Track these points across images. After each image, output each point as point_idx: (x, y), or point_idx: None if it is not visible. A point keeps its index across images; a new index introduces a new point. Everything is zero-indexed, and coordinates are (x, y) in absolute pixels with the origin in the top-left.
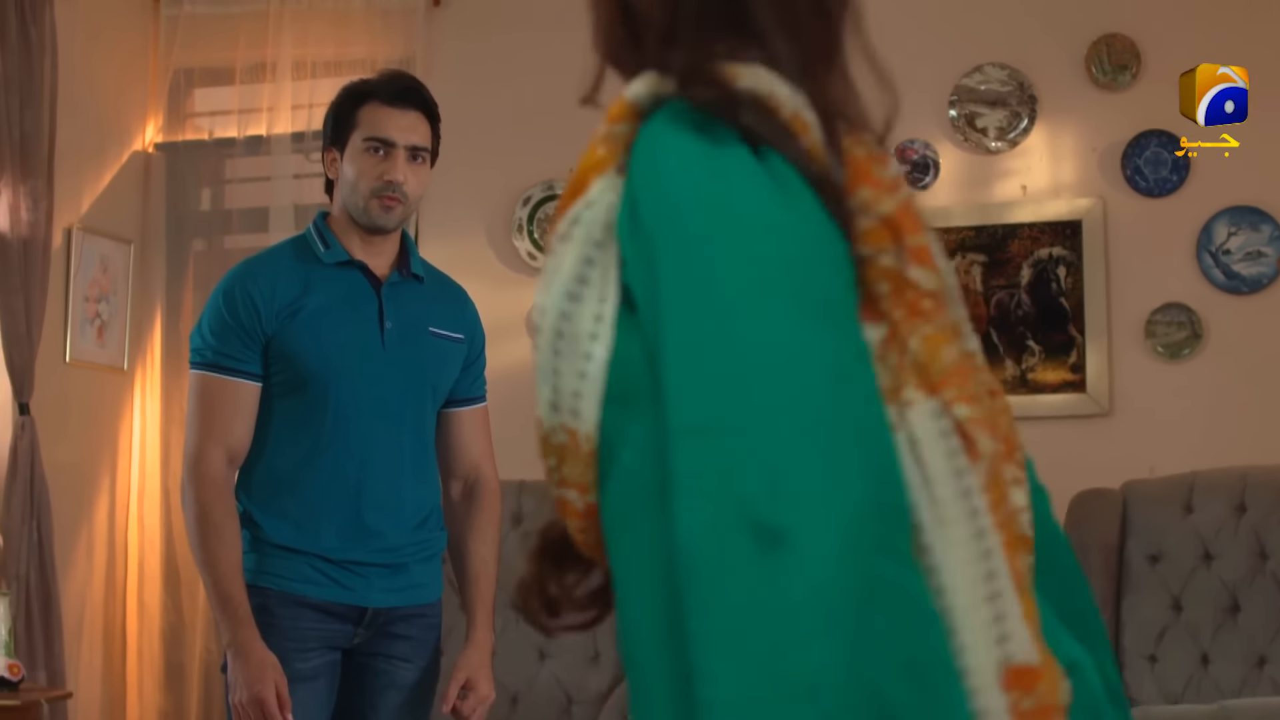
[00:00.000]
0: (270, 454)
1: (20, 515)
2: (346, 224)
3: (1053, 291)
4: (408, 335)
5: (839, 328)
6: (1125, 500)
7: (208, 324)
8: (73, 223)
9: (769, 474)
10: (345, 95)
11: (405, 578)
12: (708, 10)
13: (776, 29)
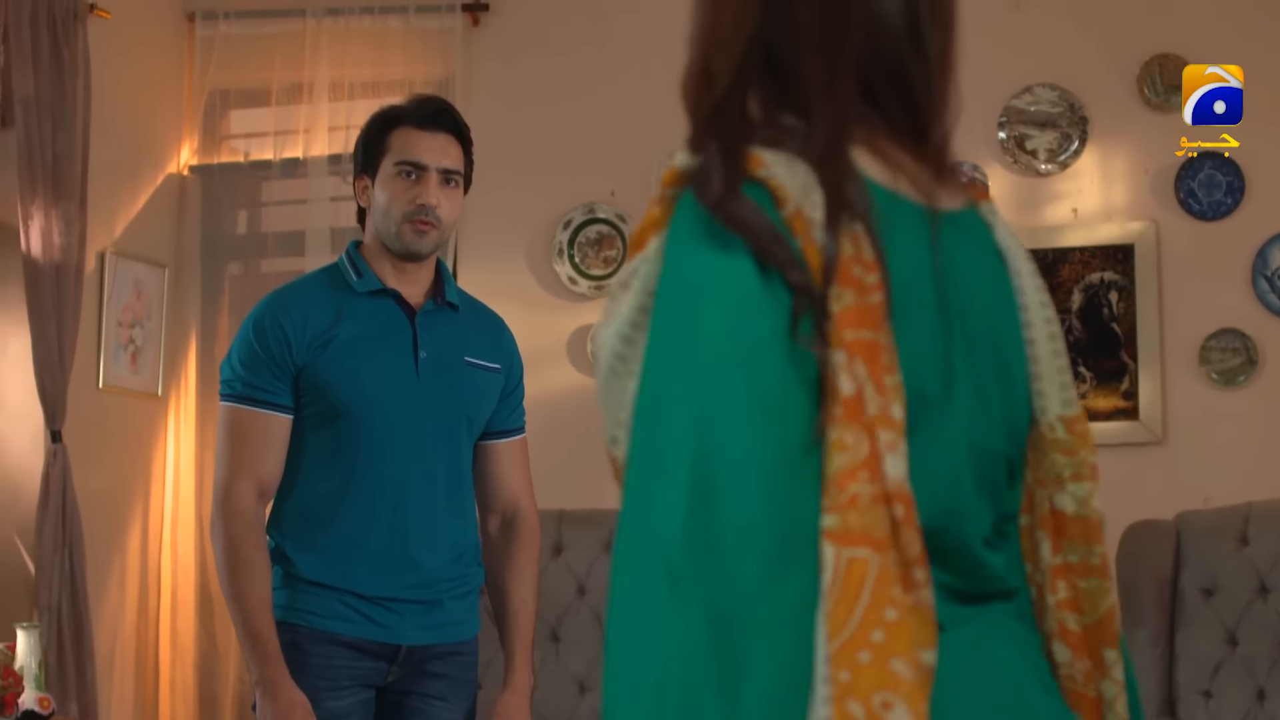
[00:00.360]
0: (302, 487)
1: (52, 544)
2: (379, 252)
3: (1104, 317)
4: (443, 365)
5: (768, 424)
6: (1179, 532)
7: (238, 355)
8: (106, 246)
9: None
10: (375, 121)
11: (441, 614)
12: (764, 75)
13: (818, 102)
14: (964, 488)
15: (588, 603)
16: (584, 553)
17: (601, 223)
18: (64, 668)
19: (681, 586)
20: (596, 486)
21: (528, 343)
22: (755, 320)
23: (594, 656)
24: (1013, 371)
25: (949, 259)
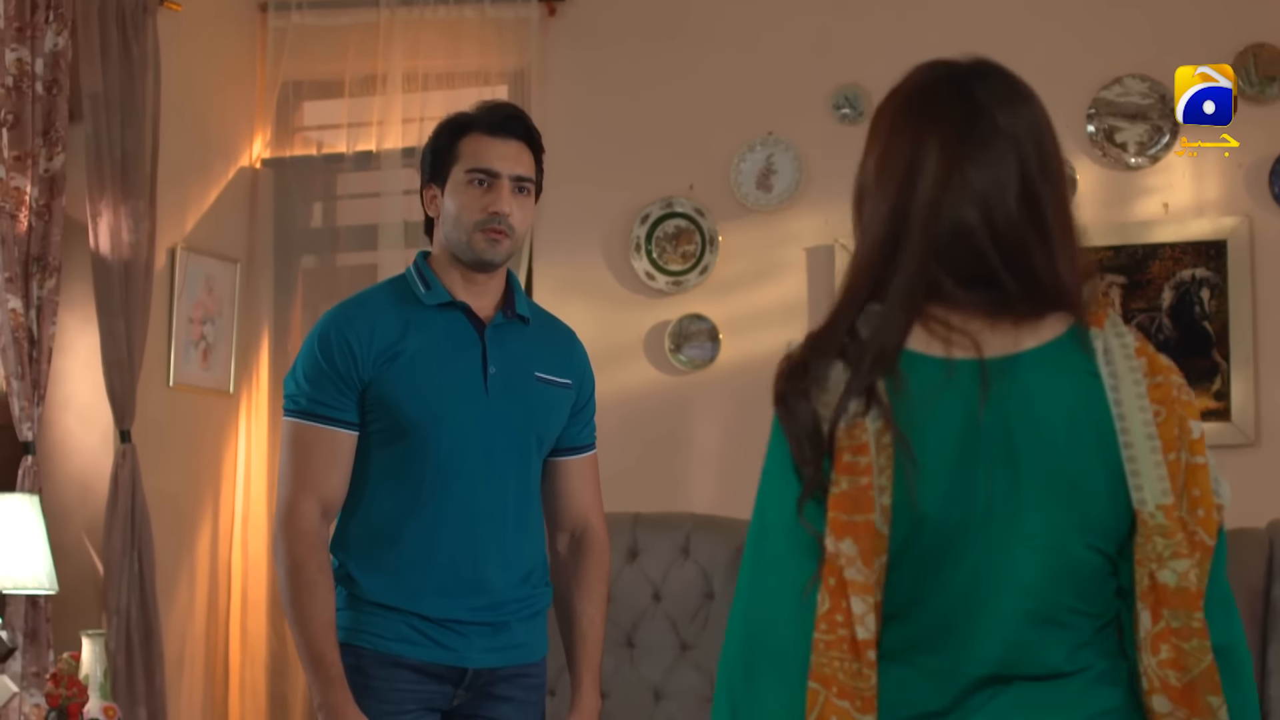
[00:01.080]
0: (367, 506)
1: (121, 546)
2: (449, 263)
3: (1195, 315)
4: (512, 381)
5: (773, 576)
6: (1272, 541)
7: (302, 370)
8: (177, 242)
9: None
10: (444, 129)
11: (508, 636)
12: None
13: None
14: (1009, 588)
15: (663, 609)
16: (659, 558)
17: (679, 217)
18: (132, 671)
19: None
20: (672, 489)
21: (604, 340)
22: (773, 501)
23: (669, 664)
24: (1073, 472)
25: (1007, 398)
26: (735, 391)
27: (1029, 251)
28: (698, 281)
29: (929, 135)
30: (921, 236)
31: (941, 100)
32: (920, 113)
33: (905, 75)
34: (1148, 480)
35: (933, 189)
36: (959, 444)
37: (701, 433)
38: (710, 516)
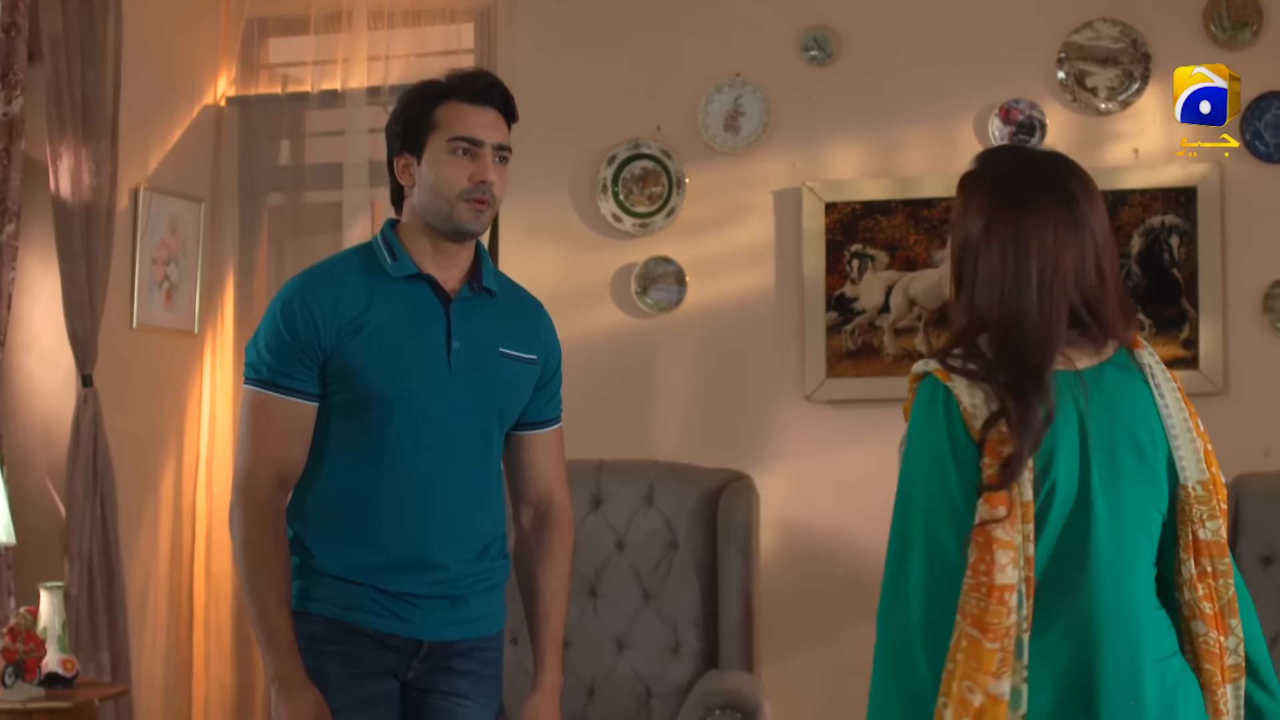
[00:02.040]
0: (326, 478)
1: (83, 492)
2: (420, 233)
3: (1165, 262)
4: (476, 356)
5: (947, 514)
6: (1236, 497)
7: (264, 339)
8: (140, 182)
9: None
10: (416, 96)
11: (465, 610)
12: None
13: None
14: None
15: (626, 558)
16: (623, 506)
17: (646, 159)
18: (95, 617)
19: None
20: (637, 432)
21: (570, 282)
22: (935, 479)
23: (632, 613)
24: (1149, 456)
25: (1099, 395)
26: (701, 334)
27: (1101, 304)
28: (664, 224)
29: (1053, 214)
30: (1048, 295)
31: (1045, 190)
32: (1025, 199)
33: (998, 159)
34: (1189, 463)
35: (1051, 262)
36: (1076, 431)
37: (667, 376)
38: (674, 464)
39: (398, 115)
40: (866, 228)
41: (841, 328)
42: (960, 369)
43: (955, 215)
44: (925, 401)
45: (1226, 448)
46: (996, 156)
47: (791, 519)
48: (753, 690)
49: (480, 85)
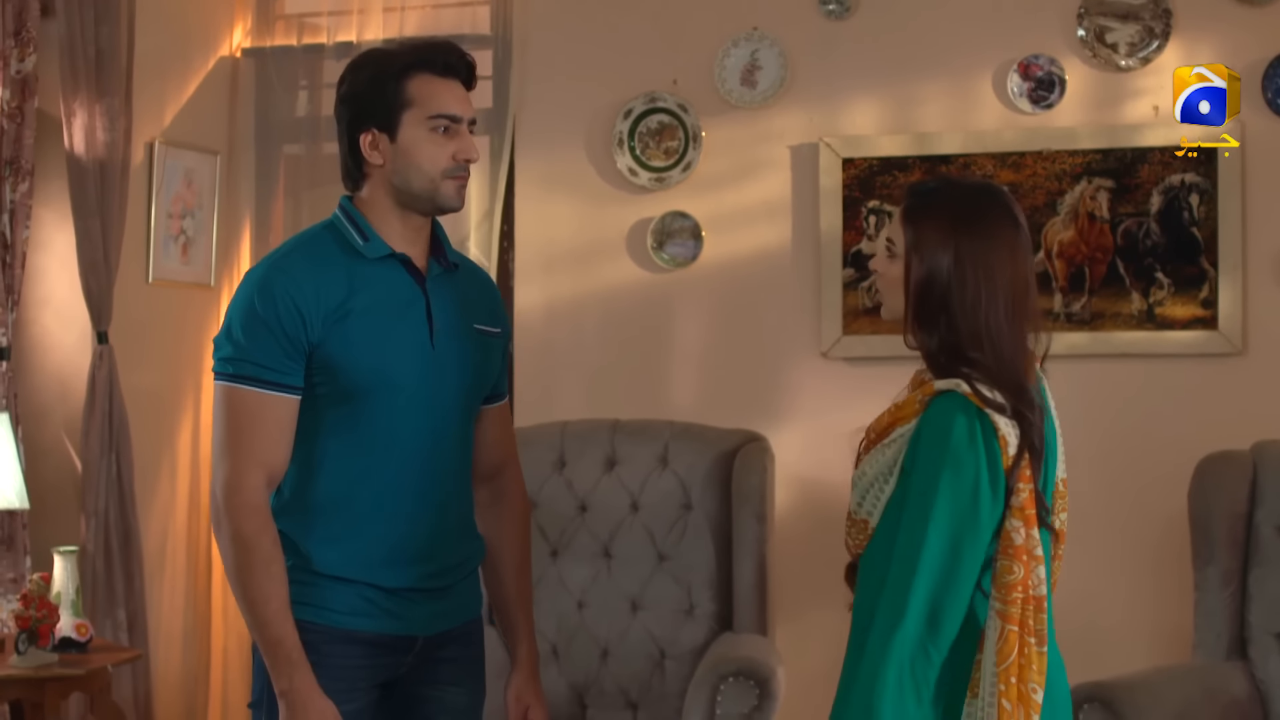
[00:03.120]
0: (314, 473)
1: (99, 449)
2: (389, 211)
3: (1184, 221)
4: (455, 335)
5: (970, 540)
6: (1255, 464)
7: (243, 330)
8: (155, 136)
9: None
10: (380, 69)
11: (452, 599)
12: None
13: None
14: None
15: (640, 519)
16: (638, 467)
17: (663, 112)
18: (111, 574)
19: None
20: (652, 388)
21: (585, 236)
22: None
23: (646, 575)
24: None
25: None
26: (717, 290)
27: (1039, 321)
28: (681, 178)
29: (1009, 240)
30: (1015, 314)
31: (1001, 218)
32: (988, 227)
33: (948, 191)
34: (1061, 463)
35: (1013, 284)
36: (1056, 445)
37: (683, 331)
38: (689, 425)
39: (361, 90)
40: (884, 184)
41: (858, 284)
42: (989, 399)
43: (911, 247)
44: (965, 427)
45: (1245, 409)
46: (944, 189)
47: (807, 476)
48: (766, 656)
49: (453, 58)
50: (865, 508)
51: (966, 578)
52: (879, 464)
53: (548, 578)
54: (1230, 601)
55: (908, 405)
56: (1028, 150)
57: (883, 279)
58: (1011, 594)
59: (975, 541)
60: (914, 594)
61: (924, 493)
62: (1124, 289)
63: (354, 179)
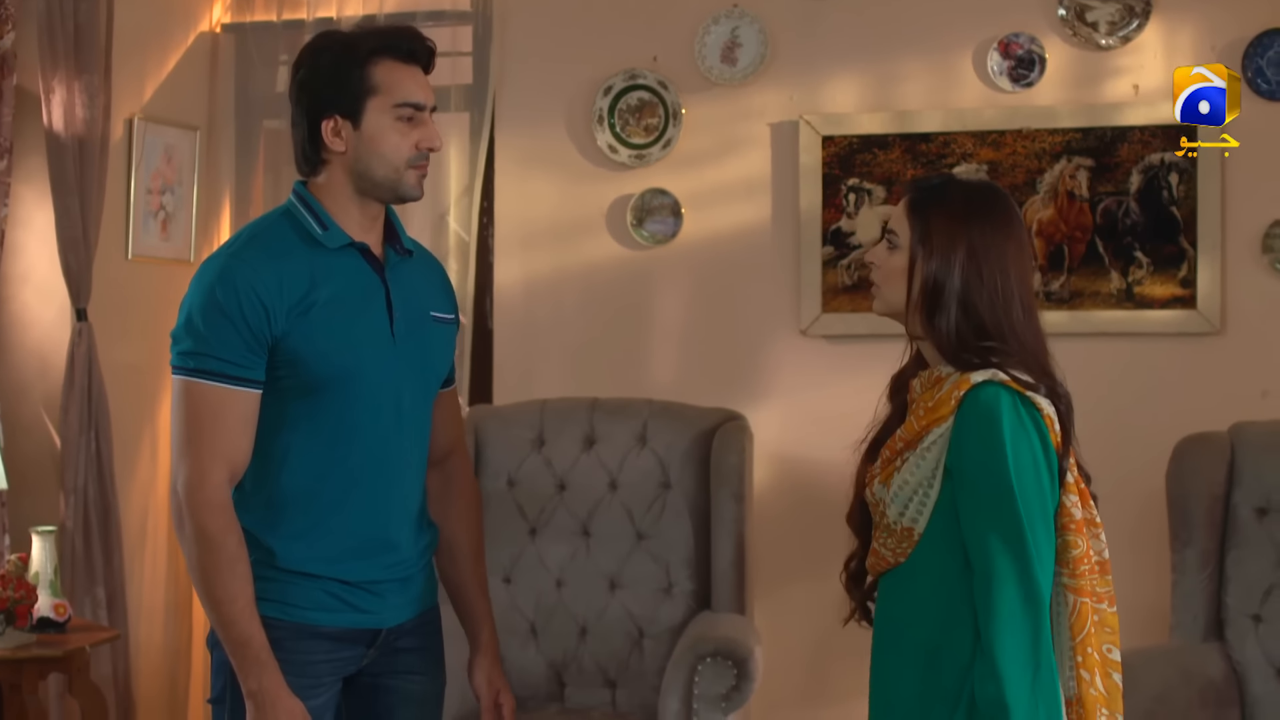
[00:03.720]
0: (278, 467)
1: (78, 425)
2: (348, 199)
3: (1164, 200)
4: (413, 324)
5: (1043, 522)
6: (1233, 446)
7: (204, 323)
8: (134, 113)
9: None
10: (342, 54)
11: (413, 589)
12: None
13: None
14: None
15: (619, 498)
16: (617, 445)
17: (643, 89)
18: (90, 550)
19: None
20: (631, 368)
21: (565, 213)
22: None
23: (625, 553)
24: None
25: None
26: (697, 268)
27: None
28: (661, 155)
29: (1018, 234)
30: (1030, 303)
31: (1008, 215)
32: (997, 223)
33: (955, 188)
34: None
35: (1023, 276)
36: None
37: (662, 308)
38: (668, 404)
39: (323, 74)
40: (864, 161)
41: (837, 262)
42: (1027, 383)
43: (919, 239)
44: (1012, 412)
45: (1223, 388)
46: (951, 184)
47: (785, 453)
48: (744, 636)
49: (416, 43)
50: (909, 515)
51: (1049, 558)
52: (921, 470)
53: (526, 556)
54: (1208, 583)
55: (941, 405)
56: (1007, 129)
57: (880, 271)
58: (1079, 567)
59: (1047, 521)
60: (1040, 583)
61: (997, 485)
62: (1103, 268)
63: (311, 164)
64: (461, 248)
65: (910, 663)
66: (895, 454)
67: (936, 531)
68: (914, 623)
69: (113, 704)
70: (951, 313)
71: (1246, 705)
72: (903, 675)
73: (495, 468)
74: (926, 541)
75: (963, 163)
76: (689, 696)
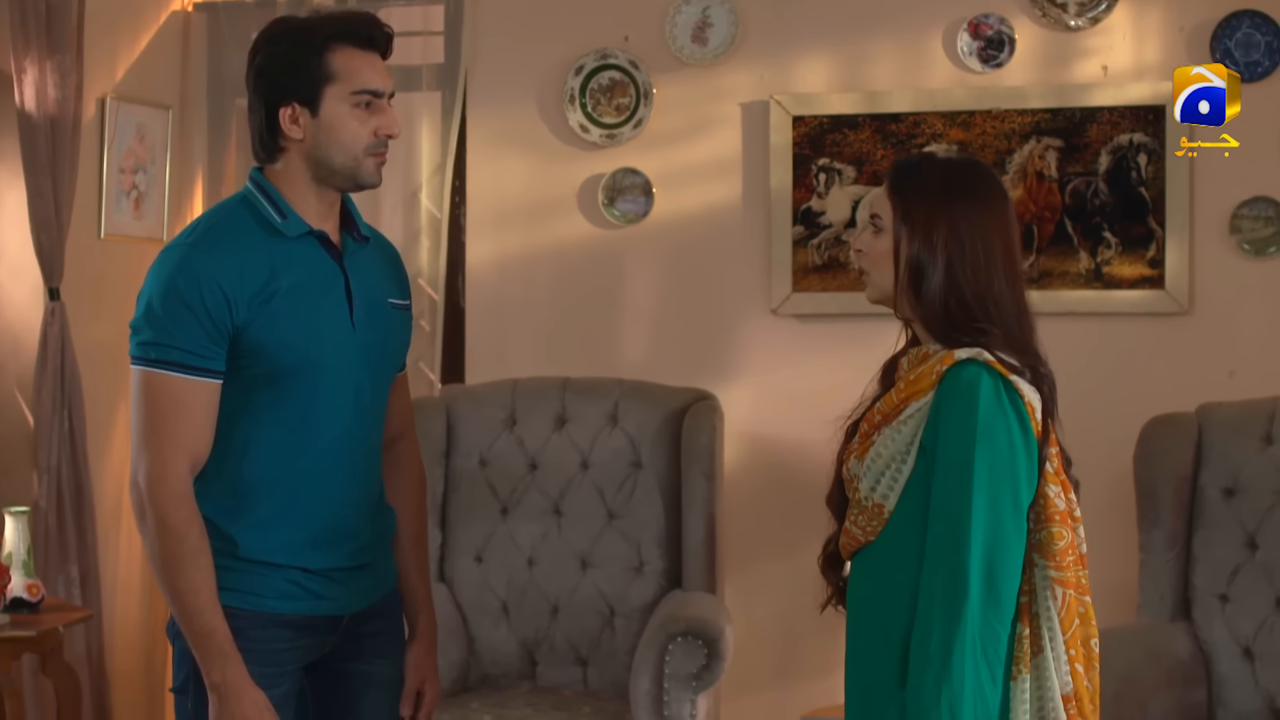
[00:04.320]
0: (240, 457)
1: (51, 405)
2: (306, 186)
3: (1132, 180)
4: (372, 312)
5: (1012, 510)
6: (1200, 427)
7: (164, 313)
8: (106, 92)
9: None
10: (299, 41)
11: (373, 575)
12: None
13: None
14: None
15: (590, 477)
16: (588, 425)
17: (614, 69)
18: (64, 529)
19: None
20: (602, 347)
21: (537, 192)
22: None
23: (596, 532)
24: None
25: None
26: (668, 247)
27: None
28: (632, 135)
29: (1001, 207)
30: (1015, 279)
31: (993, 190)
32: (979, 199)
33: (938, 165)
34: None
35: (1009, 251)
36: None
37: (633, 287)
38: (639, 384)
39: (280, 61)
40: (834, 141)
41: (808, 242)
42: (1011, 364)
43: (901, 218)
44: (992, 393)
45: (1191, 368)
46: (930, 161)
47: (756, 432)
48: (715, 616)
49: (374, 29)
50: (880, 491)
51: (1016, 548)
52: (895, 444)
53: (498, 535)
54: (1175, 563)
55: (922, 379)
56: (977, 109)
57: (867, 257)
58: (1065, 559)
59: (1018, 510)
60: (972, 572)
61: (960, 466)
62: (1072, 248)
63: (269, 151)
64: (433, 224)
65: (885, 646)
66: (873, 427)
67: (908, 509)
68: (884, 603)
69: (86, 682)
70: (936, 291)
71: (1213, 684)
72: (878, 660)
73: (467, 447)
74: (897, 519)
75: (933, 143)
76: (660, 676)
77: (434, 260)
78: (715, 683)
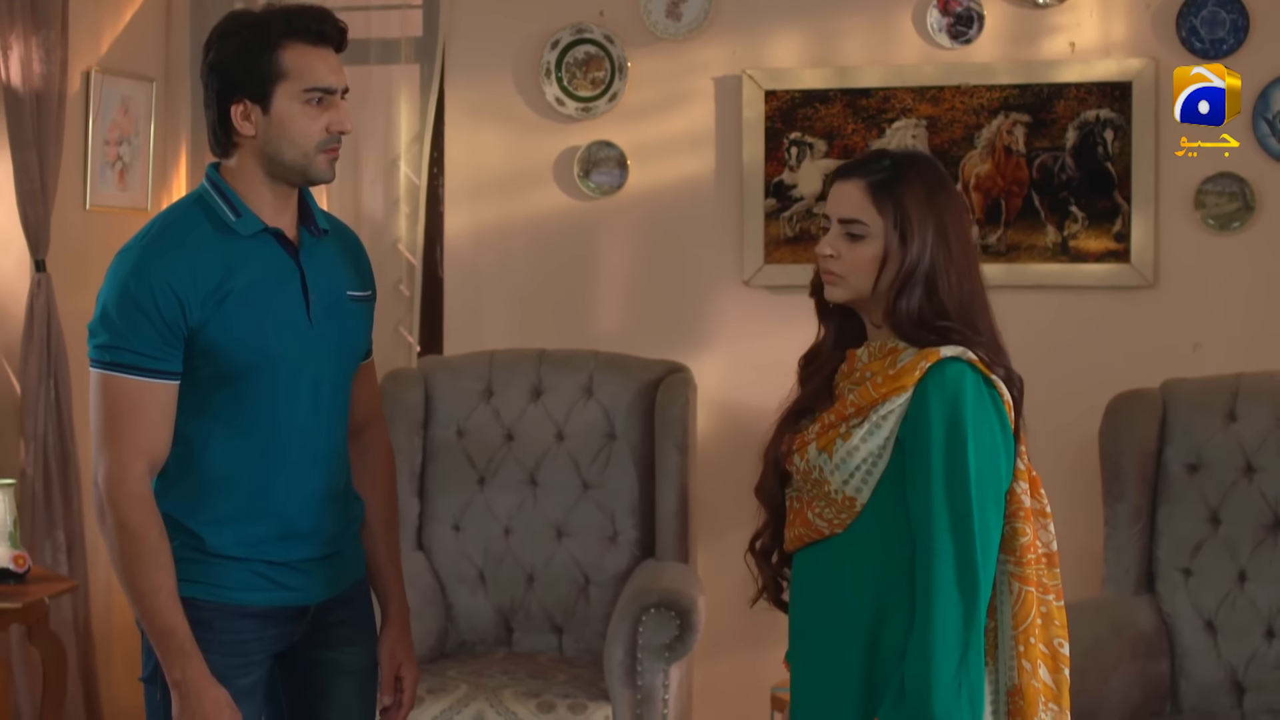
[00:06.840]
0: (199, 455)
1: (38, 374)
2: (260, 182)
3: (1099, 156)
4: (330, 306)
5: (994, 506)
6: (1165, 403)
7: (119, 317)
8: (91, 65)
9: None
10: (250, 37)
11: (341, 564)
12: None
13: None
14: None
15: (565, 448)
16: (563, 397)
17: (589, 43)
18: (50, 497)
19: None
20: (577, 317)
21: (513, 164)
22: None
23: (571, 502)
24: None
25: None
26: (642, 219)
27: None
28: (607, 108)
29: (963, 205)
30: (978, 275)
31: (953, 190)
32: (954, 199)
33: (918, 164)
34: None
35: (973, 249)
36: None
37: (608, 259)
38: (614, 356)
39: (232, 59)
40: (805, 116)
41: (779, 214)
42: (992, 365)
43: (894, 225)
44: (975, 393)
45: (1156, 341)
46: (905, 166)
47: (727, 401)
48: (687, 587)
49: (326, 25)
50: (853, 485)
51: (995, 546)
52: (874, 439)
53: (475, 505)
54: (1139, 537)
55: (904, 375)
56: (946, 85)
57: (843, 262)
58: (1026, 555)
59: (999, 505)
60: (982, 572)
61: (956, 463)
62: (1039, 222)
63: (223, 146)
64: (412, 191)
65: (850, 639)
66: (841, 419)
67: (881, 503)
68: (853, 594)
69: (73, 650)
70: (917, 294)
71: (1176, 657)
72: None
73: (444, 418)
74: (869, 513)
75: (902, 118)
76: (633, 647)
77: (413, 227)
78: (688, 653)
